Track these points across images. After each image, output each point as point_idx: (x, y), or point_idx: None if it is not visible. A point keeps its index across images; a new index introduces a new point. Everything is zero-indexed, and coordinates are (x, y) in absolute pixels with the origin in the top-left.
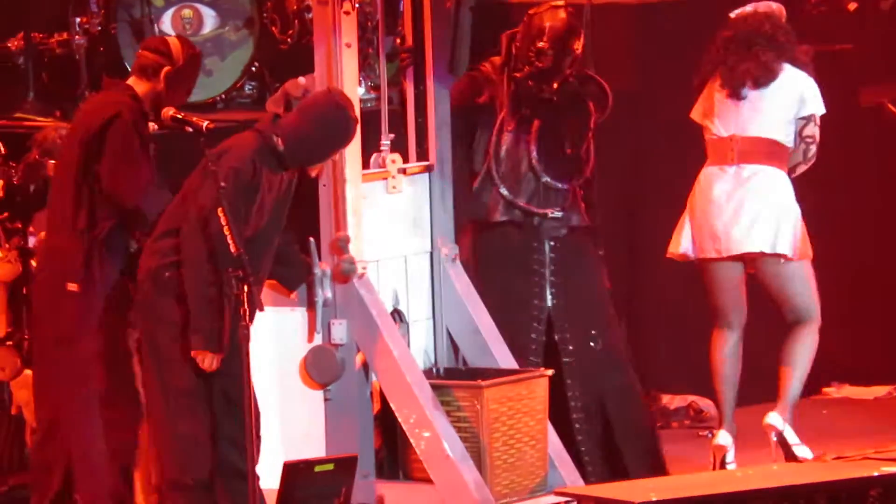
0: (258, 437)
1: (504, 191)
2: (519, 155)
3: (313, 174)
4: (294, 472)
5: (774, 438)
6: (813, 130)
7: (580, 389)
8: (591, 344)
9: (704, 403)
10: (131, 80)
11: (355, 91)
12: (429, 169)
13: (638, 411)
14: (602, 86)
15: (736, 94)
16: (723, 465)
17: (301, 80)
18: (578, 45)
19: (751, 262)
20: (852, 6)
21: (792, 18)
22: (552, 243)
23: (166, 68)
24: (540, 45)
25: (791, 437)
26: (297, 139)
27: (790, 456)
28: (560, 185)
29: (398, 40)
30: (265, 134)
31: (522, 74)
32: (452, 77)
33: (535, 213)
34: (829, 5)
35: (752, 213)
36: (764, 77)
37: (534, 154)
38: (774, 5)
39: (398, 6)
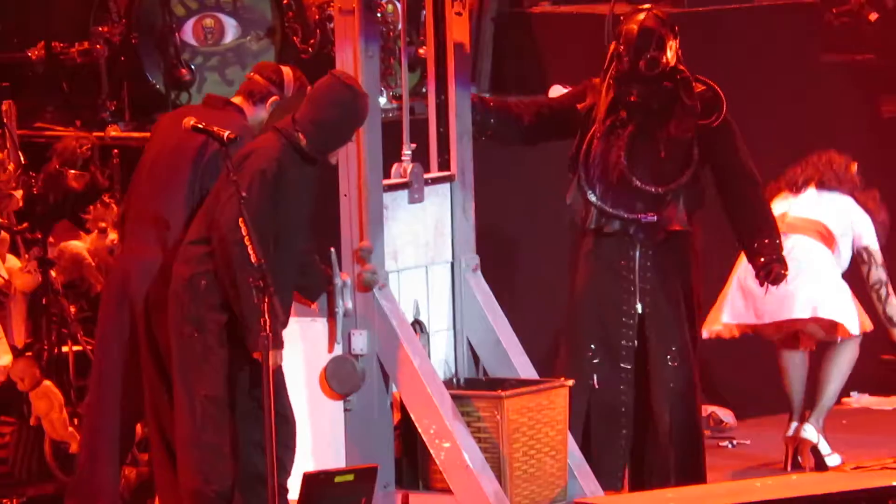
0: (292, 448)
1: (593, 197)
2: (609, 160)
3: (333, 161)
4: (314, 483)
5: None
6: (878, 274)
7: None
8: (668, 360)
9: (724, 414)
10: (238, 100)
11: (377, 101)
12: (450, 179)
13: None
14: (714, 89)
15: (796, 189)
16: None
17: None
18: (664, 49)
19: None
20: (873, 16)
21: (814, 30)
22: (643, 249)
23: (274, 97)
24: (620, 48)
25: (824, 447)
26: (315, 128)
27: (822, 466)
28: (652, 190)
29: (420, 50)
30: (285, 131)
31: (612, 80)
32: (474, 87)
33: (625, 218)
34: (850, 16)
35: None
36: (828, 183)
37: (622, 158)
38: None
39: (420, 16)
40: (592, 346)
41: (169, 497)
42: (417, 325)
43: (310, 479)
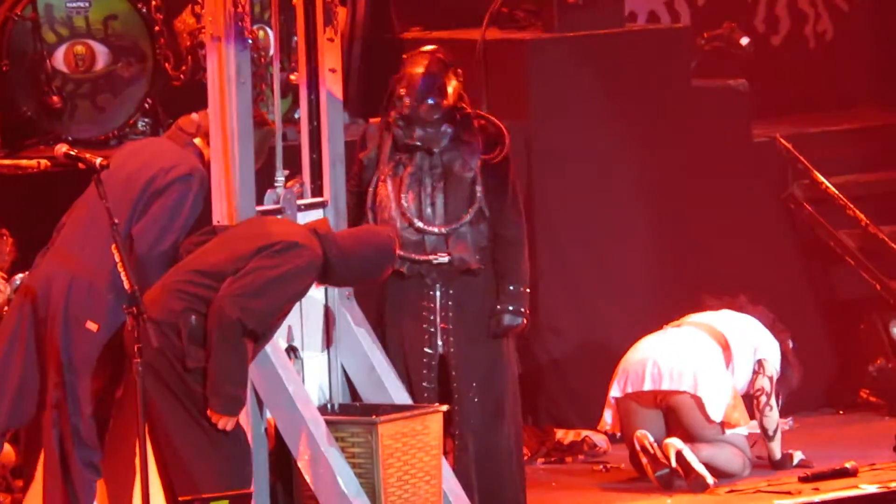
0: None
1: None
2: (392, 203)
3: None
4: None
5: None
6: (763, 382)
7: (462, 432)
8: (472, 397)
9: (598, 438)
10: (198, 142)
11: (249, 128)
12: (323, 205)
13: (502, 462)
14: (496, 125)
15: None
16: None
17: (194, 116)
18: (445, 95)
19: None
20: (745, 41)
21: (685, 55)
22: (443, 289)
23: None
24: (400, 91)
25: (692, 458)
26: (344, 267)
27: (688, 470)
28: (436, 230)
29: (292, 76)
30: (326, 247)
31: (392, 121)
32: (346, 113)
33: (417, 260)
34: (721, 41)
35: None
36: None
37: (403, 201)
38: None
39: (292, 42)
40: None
41: None
42: (291, 351)
43: None
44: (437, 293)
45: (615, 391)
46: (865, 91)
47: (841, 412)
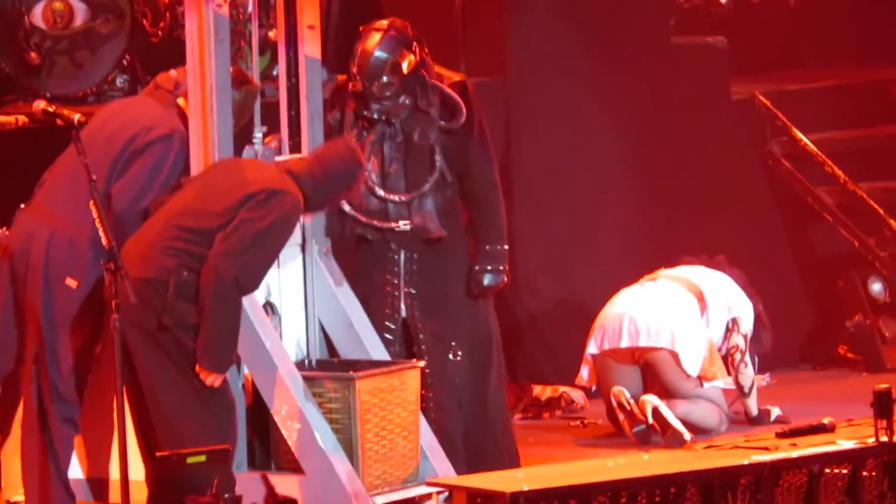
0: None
1: (346, 207)
2: None
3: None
4: (166, 464)
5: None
6: (737, 340)
7: (436, 392)
8: (451, 356)
9: (576, 394)
10: (181, 102)
11: (227, 86)
12: None
13: (494, 415)
14: (460, 91)
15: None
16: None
17: (172, 73)
18: (398, 72)
19: None
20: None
21: (665, 12)
22: (407, 254)
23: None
24: (353, 69)
25: (668, 413)
26: (316, 192)
27: (664, 425)
28: (396, 198)
29: (270, 33)
30: (303, 184)
31: (349, 93)
32: (324, 69)
33: (380, 227)
34: None
35: None
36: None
37: (365, 169)
38: None
39: None
40: None
41: (32, 465)
42: (269, 306)
43: (162, 461)
44: (402, 258)
45: (592, 348)
46: (844, 48)
47: (818, 368)
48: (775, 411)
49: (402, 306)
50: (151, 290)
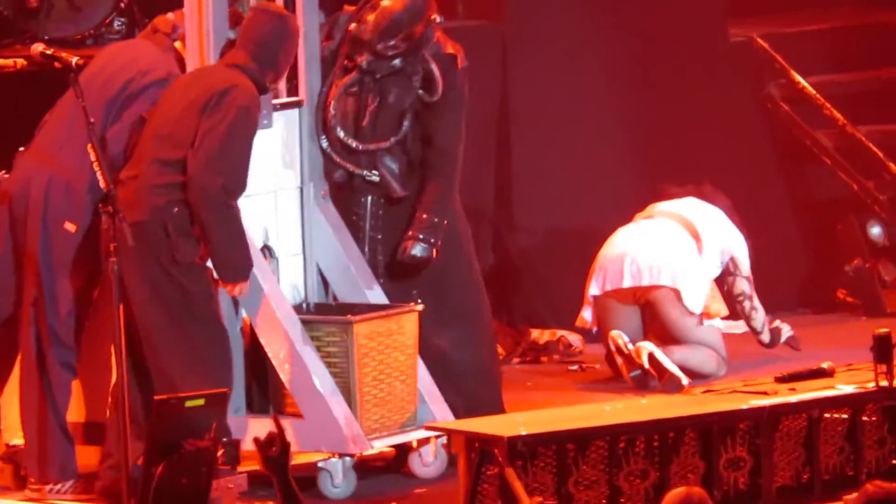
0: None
1: (324, 143)
2: (334, 110)
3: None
4: (164, 408)
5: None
6: (742, 286)
7: None
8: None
9: (574, 338)
10: (178, 45)
11: (224, 29)
12: (299, 104)
13: (478, 358)
14: (448, 64)
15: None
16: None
17: (170, 15)
18: (411, 39)
19: None
20: None
21: None
22: (374, 199)
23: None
24: (367, 17)
25: (664, 359)
26: (263, 64)
27: (661, 370)
28: (360, 147)
29: None
30: (247, 69)
31: (350, 33)
32: (321, 12)
33: (350, 171)
34: None
35: None
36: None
37: (335, 113)
38: None
39: None
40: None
41: (31, 409)
42: (266, 250)
43: (160, 405)
44: (368, 201)
45: (594, 289)
46: None
47: (817, 313)
48: (785, 330)
49: (366, 249)
50: (148, 232)
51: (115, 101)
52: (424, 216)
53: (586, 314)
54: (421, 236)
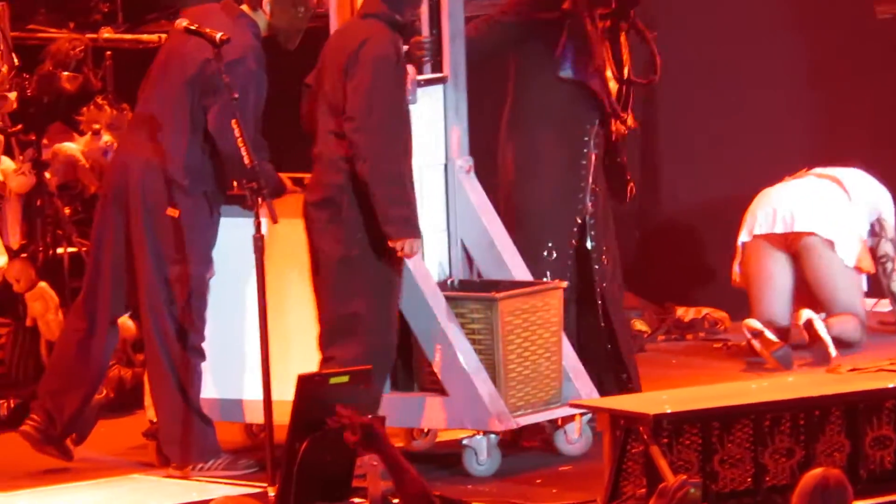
0: None
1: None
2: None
3: None
4: (309, 384)
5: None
6: (887, 248)
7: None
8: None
9: (719, 315)
10: (245, 8)
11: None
12: (443, 80)
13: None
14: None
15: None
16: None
17: None
18: None
19: None
20: None
21: None
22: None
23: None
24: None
25: (821, 328)
26: (398, 7)
27: (815, 339)
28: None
29: None
30: (381, 14)
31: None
32: None
33: None
34: None
35: None
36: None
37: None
38: None
39: None
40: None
41: (162, 397)
42: None
43: (304, 381)
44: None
45: (744, 236)
46: None
47: None
48: None
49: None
50: (333, 208)
51: (196, 82)
52: None
53: (738, 268)
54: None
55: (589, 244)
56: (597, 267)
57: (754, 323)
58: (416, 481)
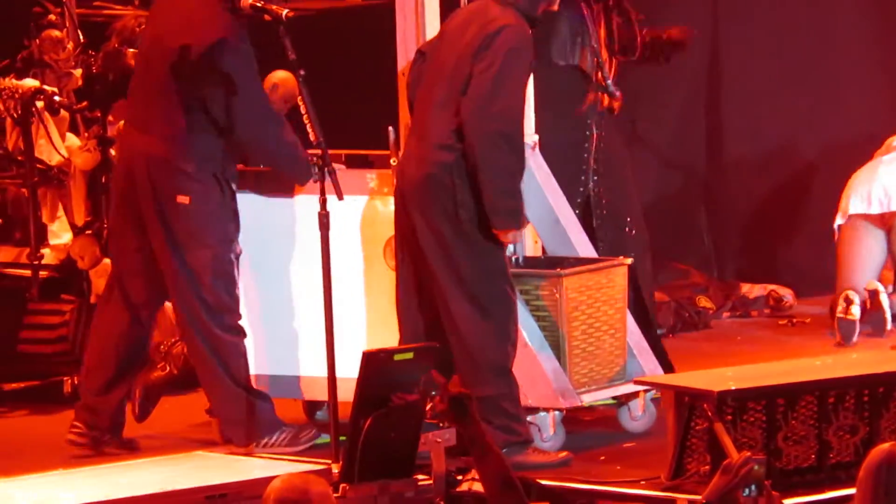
0: None
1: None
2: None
3: None
4: (373, 361)
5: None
6: None
7: None
8: (626, 230)
9: (784, 292)
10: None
11: None
12: None
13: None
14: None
15: None
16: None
17: None
18: None
19: None
20: None
21: None
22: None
23: None
24: None
25: (884, 299)
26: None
27: (876, 308)
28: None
29: None
30: (518, 4)
31: None
32: None
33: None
34: None
35: None
36: None
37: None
38: None
39: None
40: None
41: (210, 382)
42: None
43: (369, 357)
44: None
45: (839, 219)
46: None
47: None
48: None
49: (591, 181)
50: (435, 186)
51: (180, 69)
52: None
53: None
54: None
55: (595, 222)
56: (601, 245)
57: (853, 294)
58: (497, 459)
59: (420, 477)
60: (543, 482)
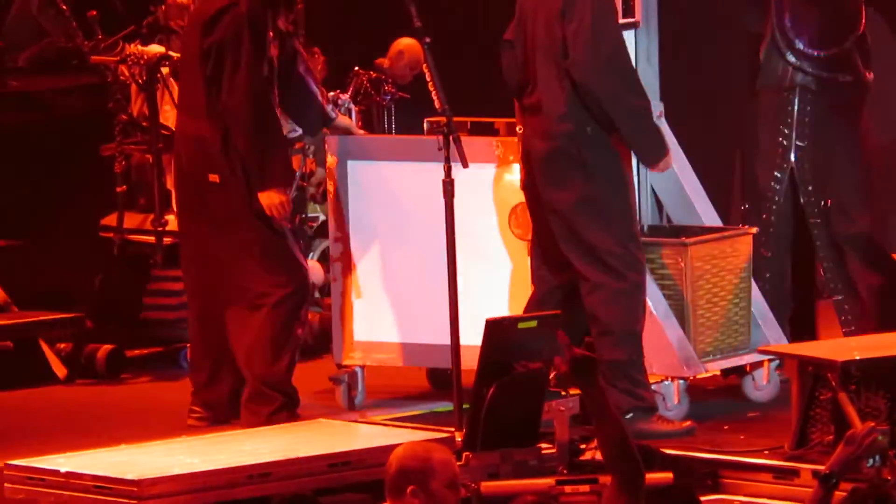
0: None
1: (791, 58)
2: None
3: None
4: (497, 329)
5: None
6: None
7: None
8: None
9: None
10: None
11: None
12: (635, 25)
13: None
14: None
15: None
16: None
17: None
18: None
19: None
20: None
21: None
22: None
23: None
24: None
25: None
26: None
27: None
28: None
29: None
30: None
31: None
32: None
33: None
34: None
35: None
36: None
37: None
38: None
39: None
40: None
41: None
42: None
43: (493, 325)
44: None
45: None
46: None
47: None
48: None
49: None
50: (561, 157)
51: (203, 48)
52: None
53: None
54: None
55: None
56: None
57: None
58: (617, 425)
59: (543, 445)
60: (667, 451)
